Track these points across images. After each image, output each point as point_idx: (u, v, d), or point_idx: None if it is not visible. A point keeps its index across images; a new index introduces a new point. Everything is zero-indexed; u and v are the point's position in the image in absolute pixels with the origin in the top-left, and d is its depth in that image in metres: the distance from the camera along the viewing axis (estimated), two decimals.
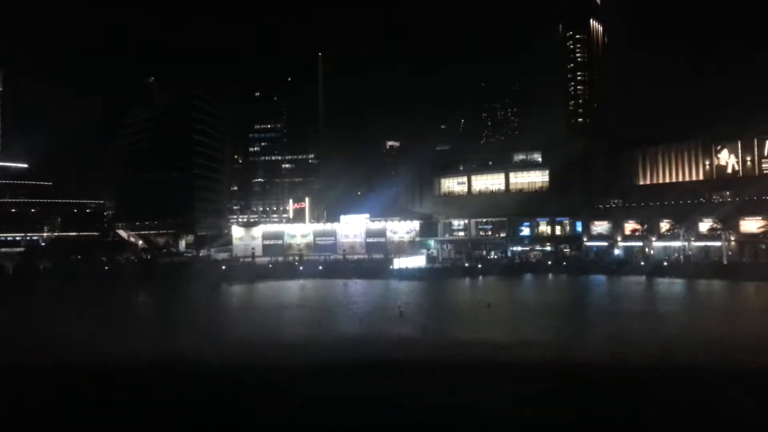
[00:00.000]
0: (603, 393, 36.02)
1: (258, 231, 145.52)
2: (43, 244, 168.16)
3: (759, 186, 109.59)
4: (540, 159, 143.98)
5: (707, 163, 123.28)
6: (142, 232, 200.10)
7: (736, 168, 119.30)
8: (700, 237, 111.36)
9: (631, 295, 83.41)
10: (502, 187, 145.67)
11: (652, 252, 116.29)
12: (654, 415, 32.31)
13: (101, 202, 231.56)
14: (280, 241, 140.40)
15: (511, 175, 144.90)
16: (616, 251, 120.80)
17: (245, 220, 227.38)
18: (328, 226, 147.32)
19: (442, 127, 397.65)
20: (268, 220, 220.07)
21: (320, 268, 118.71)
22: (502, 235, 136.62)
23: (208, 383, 38.89)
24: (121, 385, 39.36)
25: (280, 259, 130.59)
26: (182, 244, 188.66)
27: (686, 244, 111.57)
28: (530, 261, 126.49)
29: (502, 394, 35.58)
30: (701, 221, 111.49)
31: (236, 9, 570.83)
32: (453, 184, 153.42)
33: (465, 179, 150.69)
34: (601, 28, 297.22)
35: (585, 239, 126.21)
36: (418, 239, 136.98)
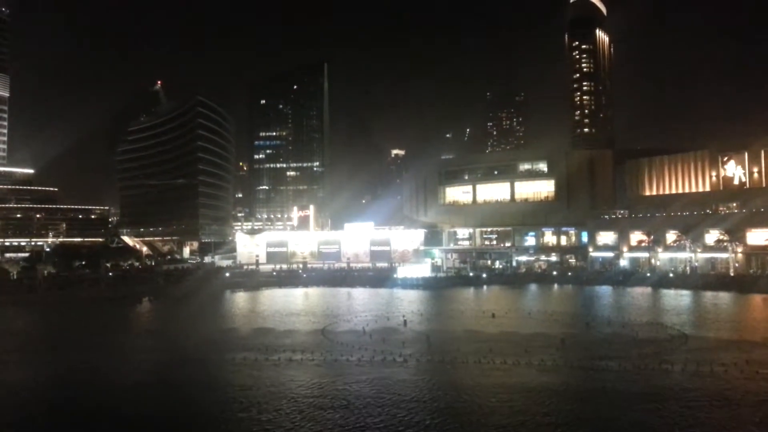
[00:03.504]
0: None
1: (262, 238, 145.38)
2: (47, 249, 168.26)
3: (766, 197, 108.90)
4: (545, 169, 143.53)
5: (714, 174, 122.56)
6: (146, 239, 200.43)
7: (743, 179, 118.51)
8: (707, 248, 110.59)
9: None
10: (508, 196, 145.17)
11: (658, 263, 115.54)
12: None
13: (106, 208, 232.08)
14: (284, 249, 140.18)
15: (517, 184, 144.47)
16: (622, 262, 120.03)
17: (249, 227, 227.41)
18: (332, 235, 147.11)
19: (448, 136, 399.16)
20: (272, 227, 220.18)
21: (325, 276, 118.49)
22: (507, 244, 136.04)
23: None
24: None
25: (284, 266, 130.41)
26: (186, 250, 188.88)
27: (693, 255, 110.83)
28: (535, 271, 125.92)
29: None
30: (708, 232, 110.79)
31: (243, 17, 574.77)
32: (458, 194, 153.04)
33: (470, 188, 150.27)
34: (607, 39, 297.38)
35: (590, 250, 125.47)
36: (422, 248, 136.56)
